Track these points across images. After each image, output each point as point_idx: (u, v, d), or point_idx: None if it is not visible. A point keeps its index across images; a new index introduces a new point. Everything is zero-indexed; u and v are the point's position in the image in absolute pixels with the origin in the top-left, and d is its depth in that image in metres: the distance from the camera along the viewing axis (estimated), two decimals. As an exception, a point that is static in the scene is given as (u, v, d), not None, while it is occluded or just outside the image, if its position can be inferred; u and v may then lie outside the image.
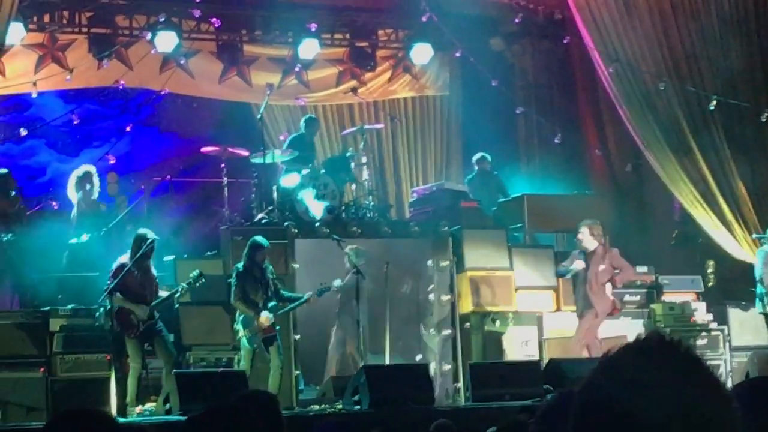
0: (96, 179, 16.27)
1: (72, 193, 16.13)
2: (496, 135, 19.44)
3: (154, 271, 13.95)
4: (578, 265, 15.09)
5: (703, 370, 1.91)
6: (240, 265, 14.21)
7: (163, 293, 13.91)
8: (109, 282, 13.60)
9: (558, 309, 16.56)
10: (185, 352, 14.60)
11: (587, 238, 15.14)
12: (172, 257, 15.43)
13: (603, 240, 15.29)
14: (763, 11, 17.56)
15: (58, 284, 14.96)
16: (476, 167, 18.57)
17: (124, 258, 13.74)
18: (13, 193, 15.75)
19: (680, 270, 17.90)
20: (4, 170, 15.96)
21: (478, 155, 18.56)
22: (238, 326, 14.19)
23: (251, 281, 14.16)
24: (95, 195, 16.23)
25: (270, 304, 14.20)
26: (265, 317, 14.03)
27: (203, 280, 13.99)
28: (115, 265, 13.73)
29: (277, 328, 14.25)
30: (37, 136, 18.69)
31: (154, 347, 13.75)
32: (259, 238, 14.29)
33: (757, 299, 15.98)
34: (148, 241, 13.66)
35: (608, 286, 15.14)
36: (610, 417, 1.87)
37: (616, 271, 15.17)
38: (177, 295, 14.04)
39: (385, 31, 20.46)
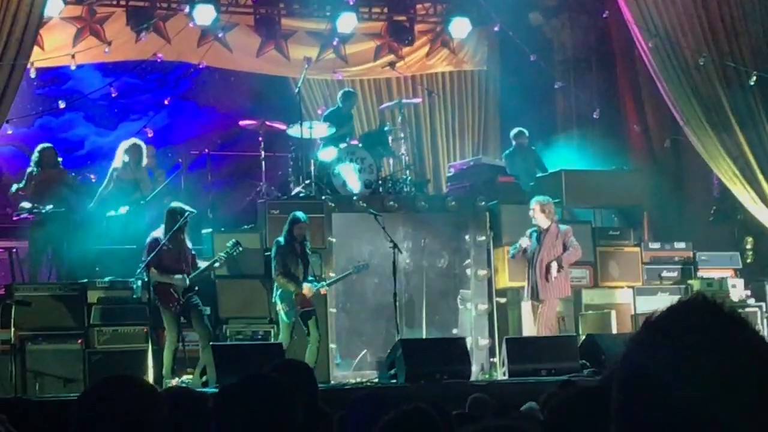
0: (144, 151, 16.34)
1: (118, 162, 16.17)
2: (534, 110, 19.35)
3: (189, 244, 13.97)
4: (523, 242, 14.86)
5: (749, 331, 1.88)
6: (280, 239, 14.23)
7: (202, 263, 13.96)
8: (144, 258, 13.65)
9: (595, 284, 16.50)
10: (222, 326, 14.66)
11: (538, 216, 14.83)
12: (209, 230, 15.47)
13: (556, 218, 15.07)
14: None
15: (95, 256, 15.04)
16: (514, 142, 18.47)
17: (158, 232, 13.76)
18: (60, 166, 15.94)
19: (718, 246, 17.78)
20: (47, 144, 16.10)
21: (515, 130, 18.45)
22: (276, 300, 14.22)
23: (292, 255, 14.18)
24: (144, 163, 16.31)
25: (309, 278, 14.25)
26: (308, 288, 14.10)
27: (240, 248, 14.04)
28: (149, 240, 13.76)
29: (315, 304, 14.34)
30: (75, 109, 18.74)
31: (190, 321, 13.77)
32: (298, 213, 14.29)
33: None
34: (185, 215, 13.68)
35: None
36: (653, 380, 1.85)
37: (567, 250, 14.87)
38: (216, 265, 14.08)
39: (423, 5, 20.40)
